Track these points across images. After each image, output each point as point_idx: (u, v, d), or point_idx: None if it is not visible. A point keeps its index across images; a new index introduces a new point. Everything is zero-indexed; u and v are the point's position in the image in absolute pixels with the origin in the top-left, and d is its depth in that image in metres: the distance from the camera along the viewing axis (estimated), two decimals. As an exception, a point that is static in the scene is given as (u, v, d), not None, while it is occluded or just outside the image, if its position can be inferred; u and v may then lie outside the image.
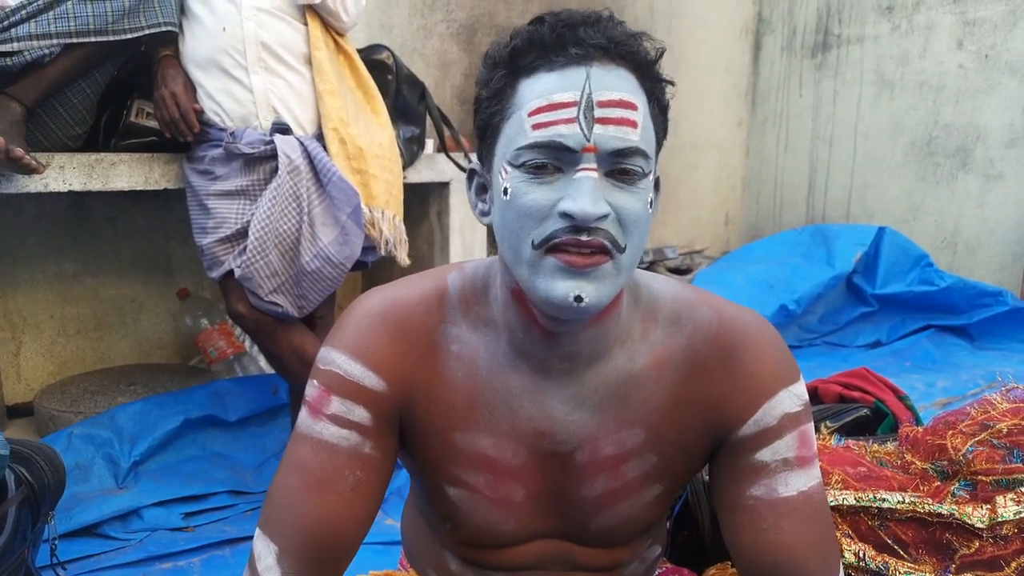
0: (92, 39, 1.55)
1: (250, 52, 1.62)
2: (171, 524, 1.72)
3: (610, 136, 0.63)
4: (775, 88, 4.34)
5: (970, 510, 0.93)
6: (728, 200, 4.52)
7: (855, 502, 0.98)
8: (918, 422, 1.37)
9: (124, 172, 1.75)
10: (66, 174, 1.67)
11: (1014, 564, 0.91)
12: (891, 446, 1.12)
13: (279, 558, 0.71)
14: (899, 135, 3.79)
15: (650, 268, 3.82)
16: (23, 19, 1.51)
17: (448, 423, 0.76)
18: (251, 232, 1.60)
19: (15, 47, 1.51)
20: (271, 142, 1.62)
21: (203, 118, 1.66)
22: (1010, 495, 0.92)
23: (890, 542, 0.97)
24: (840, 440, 1.17)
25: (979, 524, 0.92)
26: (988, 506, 0.93)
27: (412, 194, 2.18)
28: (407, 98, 2.07)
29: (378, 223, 1.77)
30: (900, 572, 0.95)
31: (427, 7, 3.02)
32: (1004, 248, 3.51)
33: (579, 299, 0.63)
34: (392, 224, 1.81)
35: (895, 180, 3.84)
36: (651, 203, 0.68)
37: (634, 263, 0.68)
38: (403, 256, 1.87)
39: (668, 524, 1.07)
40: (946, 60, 3.59)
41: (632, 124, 0.64)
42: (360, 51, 1.90)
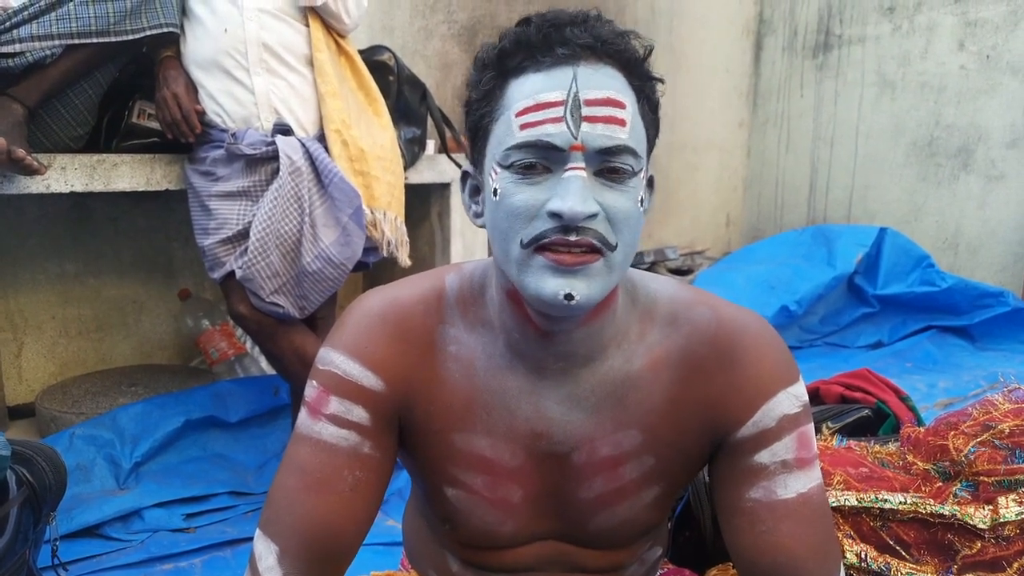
0: (94, 40, 1.56)
1: (252, 53, 1.62)
2: (172, 525, 1.73)
3: (598, 134, 0.63)
4: (776, 88, 4.34)
5: (972, 511, 0.93)
6: (729, 201, 4.51)
7: (857, 503, 0.98)
8: (920, 423, 1.37)
9: (126, 173, 1.76)
10: (68, 175, 1.68)
11: (1016, 565, 0.91)
12: (893, 447, 1.12)
13: (280, 558, 0.71)
14: (900, 136, 3.79)
15: (651, 269, 3.82)
16: (25, 20, 1.51)
17: (446, 424, 0.76)
18: (252, 233, 1.60)
19: (17, 48, 1.51)
20: (272, 143, 1.62)
21: (204, 119, 1.67)
22: (1012, 496, 0.92)
23: (892, 543, 0.97)
24: (842, 441, 1.17)
25: (981, 525, 0.92)
26: (990, 507, 0.93)
27: (413, 195, 2.18)
28: (408, 99, 2.07)
29: (379, 224, 1.77)
30: (902, 573, 0.94)
31: (428, 8, 3.03)
32: (1005, 249, 3.50)
33: (570, 297, 0.63)
34: (393, 225, 1.82)
35: (896, 181, 3.84)
36: (643, 201, 0.68)
37: (627, 260, 0.67)
38: (404, 257, 1.87)
39: (669, 525, 1.07)
40: (947, 61, 3.59)
41: (620, 122, 0.64)
42: (361, 52, 1.91)
